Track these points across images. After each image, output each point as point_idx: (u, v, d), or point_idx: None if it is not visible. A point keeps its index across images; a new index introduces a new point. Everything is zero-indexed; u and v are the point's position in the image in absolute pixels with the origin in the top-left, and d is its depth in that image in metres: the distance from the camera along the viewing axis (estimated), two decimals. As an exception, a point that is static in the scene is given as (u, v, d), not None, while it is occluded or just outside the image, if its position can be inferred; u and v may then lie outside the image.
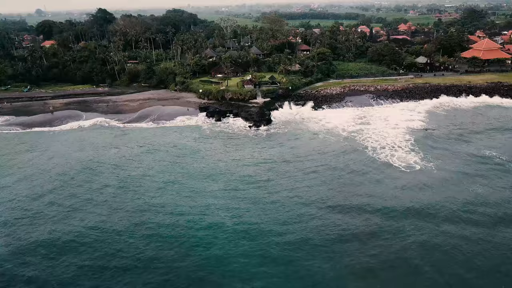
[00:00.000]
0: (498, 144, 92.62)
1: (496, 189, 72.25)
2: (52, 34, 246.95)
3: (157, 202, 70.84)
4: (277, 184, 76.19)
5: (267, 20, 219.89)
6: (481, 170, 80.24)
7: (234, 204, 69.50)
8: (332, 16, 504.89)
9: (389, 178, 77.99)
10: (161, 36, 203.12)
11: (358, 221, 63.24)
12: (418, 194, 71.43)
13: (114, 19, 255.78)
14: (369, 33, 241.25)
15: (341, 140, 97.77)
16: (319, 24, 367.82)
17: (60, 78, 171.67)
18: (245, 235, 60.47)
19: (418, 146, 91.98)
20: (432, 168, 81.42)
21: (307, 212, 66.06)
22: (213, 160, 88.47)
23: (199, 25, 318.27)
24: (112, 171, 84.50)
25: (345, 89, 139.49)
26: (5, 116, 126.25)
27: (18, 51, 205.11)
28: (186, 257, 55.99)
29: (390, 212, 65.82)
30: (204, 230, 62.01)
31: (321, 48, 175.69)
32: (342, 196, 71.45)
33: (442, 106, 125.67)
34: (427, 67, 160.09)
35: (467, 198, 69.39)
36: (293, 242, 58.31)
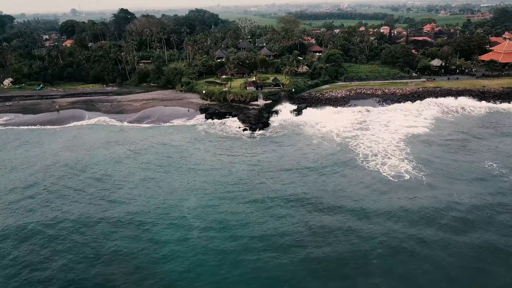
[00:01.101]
0: (502, 156, 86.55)
1: (481, 205, 67.64)
2: (74, 34, 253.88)
3: (126, 204, 70.74)
4: (255, 190, 74.45)
5: (282, 20, 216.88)
6: (475, 183, 75.29)
7: (206, 210, 68.43)
8: (359, 16, 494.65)
9: (373, 187, 74.74)
10: (175, 36, 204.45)
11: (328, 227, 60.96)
12: (397, 202, 69.15)
13: (135, 19, 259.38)
14: (388, 34, 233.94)
15: (333, 146, 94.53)
16: (343, 24, 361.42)
17: (74, 77, 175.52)
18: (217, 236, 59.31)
19: (413, 155, 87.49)
20: (422, 179, 77.22)
21: (278, 213, 64.32)
22: (197, 164, 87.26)
23: (220, 25, 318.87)
24: (93, 171, 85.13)
25: (351, 92, 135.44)
26: (10, 114, 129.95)
27: (40, 50, 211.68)
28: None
29: (360, 215, 65.02)
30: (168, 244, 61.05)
31: (332, 50, 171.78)
32: (319, 200, 70.16)
33: (450, 111, 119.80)
34: (442, 70, 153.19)
35: (446, 211, 66.04)
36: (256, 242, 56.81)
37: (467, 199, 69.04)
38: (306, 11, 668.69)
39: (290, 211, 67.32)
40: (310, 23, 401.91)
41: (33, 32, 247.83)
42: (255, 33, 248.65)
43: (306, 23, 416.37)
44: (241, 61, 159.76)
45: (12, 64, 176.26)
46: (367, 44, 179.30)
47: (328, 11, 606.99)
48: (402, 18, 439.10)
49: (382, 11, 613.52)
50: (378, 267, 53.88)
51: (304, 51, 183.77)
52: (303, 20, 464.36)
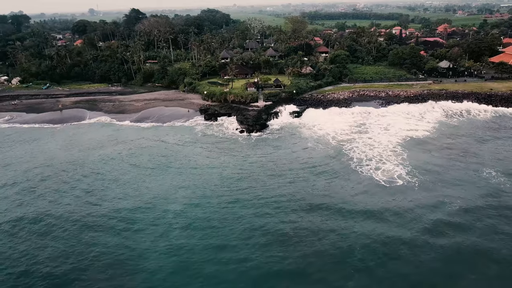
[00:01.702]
0: (502, 163, 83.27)
1: (470, 211, 65.92)
2: (86, 33, 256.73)
3: (109, 203, 70.72)
4: (242, 192, 73.60)
5: (290, 20, 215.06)
6: (469, 190, 72.84)
7: (189, 209, 68.01)
8: (374, 16, 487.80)
9: (362, 190, 73.39)
10: (182, 36, 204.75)
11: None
12: (384, 205, 68.27)
13: (144, 19, 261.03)
14: (399, 34, 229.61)
15: (328, 150, 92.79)
16: (356, 24, 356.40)
17: (81, 76, 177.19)
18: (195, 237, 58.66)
19: (409, 160, 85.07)
20: (415, 184, 75.14)
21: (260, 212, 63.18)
22: (187, 166, 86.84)
23: (231, 25, 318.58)
24: (84, 170, 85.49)
25: (354, 94, 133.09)
26: (14, 113, 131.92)
27: (51, 50, 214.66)
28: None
29: (347, 217, 64.40)
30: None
31: (338, 51, 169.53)
32: (305, 202, 70.08)
33: (454, 115, 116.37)
34: (450, 72, 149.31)
35: (432, 216, 65.02)
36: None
37: (457, 206, 67.53)
38: (321, 11, 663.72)
39: (274, 211, 67.38)
40: (323, 23, 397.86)
41: (45, 32, 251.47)
42: (264, 33, 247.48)
43: (319, 23, 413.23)
44: (244, 62, 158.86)
45: (21, 64, 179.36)
46: (374, 45, 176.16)
47: (343, 11, 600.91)
48: (417, 18, 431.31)
49: (398, 11, 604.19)
50: (357, 268, 53.73)
51: (311, 52, 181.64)
52: (317, 20, 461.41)
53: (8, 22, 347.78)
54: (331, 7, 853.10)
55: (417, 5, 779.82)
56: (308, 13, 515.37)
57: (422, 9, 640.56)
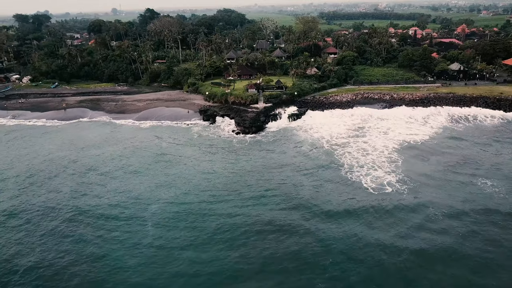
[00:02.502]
0: (500, 173, 78.97)
1: (455, 219, 63.61)
2: (101, 33, 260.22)
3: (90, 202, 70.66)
4: (224, 196, 72.55)
5: (300, 21, 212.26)
6: (459, 199, 69.57)
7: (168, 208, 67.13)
8: (395, 16, 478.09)
9: (348, 196, 71.39)
10: (192, 36, 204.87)
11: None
12: (367, 210, 66.94)
13: (155, 19, 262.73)
14: (413, 35, 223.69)
15: (319, 154, 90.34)
16: (373, 25, 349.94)
17: (90, 75, 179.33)
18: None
19: (403, 168, 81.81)
20: (404, 192, 72.19)
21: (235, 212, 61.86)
22: (175, 168, 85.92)
23: (245, 25, 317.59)
24: (73, 169, 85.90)
25: (357, 97, 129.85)
26: (19, 111, 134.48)
27: (64, 49, 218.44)
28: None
29: (326, 220, 60.71)
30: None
31: (347, 52, 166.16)
32: (288, 205, 69.60)
33: (460, 120, 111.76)
34: (460, 74, 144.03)
35: (414, 222, 63.49)
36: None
37: (439, 214, 65.08)
38: (341, 11, 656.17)
39: (252, 212, 67.03)
40: (340, 24, 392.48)
41: (60, 31, 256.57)
42: (277, 33, 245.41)
43: (337, 23, 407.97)
44: (249, 63, 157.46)
45: (34, 63, 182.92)
46: (384, 46, 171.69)
47: (363, 11, 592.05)
48: (439, 18, 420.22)
49: (421, 11, 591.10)
50: (329, 270, 53.68)
51: (319, 53, 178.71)
52: (335, 20, 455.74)
53: (30, 22, 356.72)
54: (353, 7, 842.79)
55: (441, 5, 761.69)
56: (326, 13, 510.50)
57: (446, 9, 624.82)
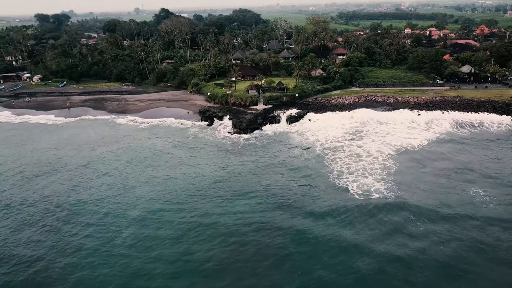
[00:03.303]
0: (496, 183, 74.69)
1: (432, 228, 61.08)
2: (115, 32, 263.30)
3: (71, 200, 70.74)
4: (204, 198, 71.35)
5: (310, 21, 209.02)
6: (444, 209, 66.40)
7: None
8: (416, 17, 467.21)
9: (331, 201, 69.74)
10: (201, 36, 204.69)
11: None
12: (346, 213, 65.89)
13: (166, 19, 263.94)
14: (428, 36, 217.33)
15: (310, 158, 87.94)
16: (391, 25, 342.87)
17: (100, 75, 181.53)
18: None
19: (395, 175, 78.57)
20: (390, 200, 69.38)
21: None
22: (162, 170, 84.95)
23: (260, 25, 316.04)
24: (61, 167, 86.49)
25: (360, 99, 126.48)
26: (25, 110, 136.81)
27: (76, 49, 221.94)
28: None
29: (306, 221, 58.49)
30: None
31: (355, 53, 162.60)
32: (265, 205, 68.60)
33: (465, 125, 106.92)
34: (471, 77, 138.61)
35: (387, 228, 61.97)
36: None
37: (423, 222, 62.80)
38: (363, 10, 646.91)
39: (228, 215, 66.53)
40: (358, 24, 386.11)
41: (75, 31, 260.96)
42: (290, 34, 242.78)
43: (354, 24, 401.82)
44: (254, 63, 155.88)
45: (46, 62, 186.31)
46: (394, 47, 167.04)
47: (384, 11, 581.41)
48: (461, 18, 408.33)
49: (445, 11, 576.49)
50: (296, 266, 53.98)
51: (327, 54, 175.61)
52: (353, 20, 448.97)
53: (50, 21, 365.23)
54: (375, 7, 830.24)
55: (467, 5, 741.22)
56: (346, 13, 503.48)
57: (471, 9, 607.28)
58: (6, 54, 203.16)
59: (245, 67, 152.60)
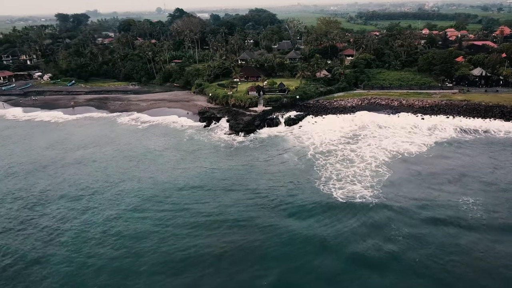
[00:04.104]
0: (488, 193, 70.41)
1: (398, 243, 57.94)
2: (130, 32, 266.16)
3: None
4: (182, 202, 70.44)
5: (321, 21, 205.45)
6: (424, 217, 63.74)
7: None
8: (438, 17, 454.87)
9: (310, 205, 68.26)
10: (211, 36, 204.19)
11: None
12: (319, 216, 65.13)
13: (178, 19, 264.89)
14: (443, 37, 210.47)
15: (300, 163, 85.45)
16: (410, 25, 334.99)
17: (109, 74, 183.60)
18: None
19: (385, 183, 75.13)
20: (372, 206, 67.04)
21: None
22: (147, 173, 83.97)
23: (275, 25, 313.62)
24: (48, 166, 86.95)
25: (363, 102, 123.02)
26: (31, 108, 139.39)
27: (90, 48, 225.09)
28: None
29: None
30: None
31: (363, 54, 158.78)
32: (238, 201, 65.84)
33: (470, 132, 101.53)
34: (481, 80, 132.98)
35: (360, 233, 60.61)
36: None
37: (399, 229, 60.49)
38: (385, 10, 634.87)
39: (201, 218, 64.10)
40: (376, 24, 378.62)
41: (88, 30, 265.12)
42: (302, 34, 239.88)
43: (373, 24, 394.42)
44: (259, 64, 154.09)
45: (58, 61, 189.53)
46: (405, 48, 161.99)
47: (405, 11, 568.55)
48: (485, 19, 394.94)
49: (470, 11, 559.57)
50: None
51: (335, 55, 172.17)
52: (372, 20, 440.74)
53: (70, 21, 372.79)
54: (398, 6, 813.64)
55: (494, 4, 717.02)
56: (365, 13, 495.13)
57: (497, 9, 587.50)
58: (21, 53, 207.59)
59: (249, 67, 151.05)
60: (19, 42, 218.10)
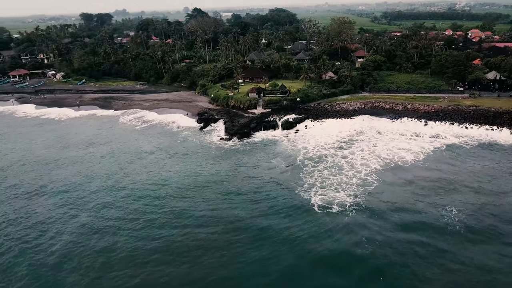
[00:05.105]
0: (477, 204, 66.29)
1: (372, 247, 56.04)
2: (148, 31, 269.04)
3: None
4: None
5: (335, 21, 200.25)
6: (402, 226, 61.25)
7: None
8: (468, 17, 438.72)
9: (285, 212, 66.39)
10: (223, 37, 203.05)
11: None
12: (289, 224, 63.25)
13: (193, 19, 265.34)
14: (463, 38, 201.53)
15: (287, 169, 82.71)
16: (435, 26, 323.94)
17: (120, 73, 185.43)
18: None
19: (370, 192, 71.63)
20: (347, 214, 64.51)
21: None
22: (131, 176, 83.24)
23: (294, 25, 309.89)
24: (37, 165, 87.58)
25: (366, 105, 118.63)
26: (34, 105, 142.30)
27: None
28: None
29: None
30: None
31: (373, 56, 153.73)
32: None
33: (474, 141, 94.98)
34: (496, 84, 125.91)
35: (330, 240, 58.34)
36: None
37: (369, 240, 57.98)
38: (413, 10, 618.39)
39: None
40: (400, 24, 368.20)
41: (104, 30, 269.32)
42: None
43: (397, 24, 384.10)
44: (264, 65, 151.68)
45: (73, 60, 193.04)
46: (419, 50, 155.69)
47: (436, 11, 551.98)
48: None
49: (503, 11, 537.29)
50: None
51: (346, 56, 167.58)
52: (398, 20, 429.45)
53: (93, 20, 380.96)
54: (428, 6, 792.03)
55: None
56: (391, 13, 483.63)
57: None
58: (39, 52, 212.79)
59: (253, 68, 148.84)
60: (38, 41, 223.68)
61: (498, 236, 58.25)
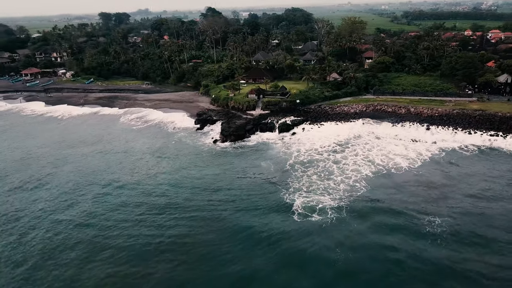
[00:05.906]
0: (467, 218, 62.28)
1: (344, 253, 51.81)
2: (161, 31, 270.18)
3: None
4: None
5: (346, 21, 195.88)
6: (381, 235, 58.94)
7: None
8: (492, 16, 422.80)
9: (266, 219, 64.37)
10: (232, 36, 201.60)
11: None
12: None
13: (203, 18, 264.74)
14: (480, 39, 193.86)
15: (275, 174, 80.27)
16: (455, 26, 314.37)
17: (129, 73, 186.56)
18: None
19: (356, 197, 69.13)
20: (326, 223, 62.07)
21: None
22: (118, 177, 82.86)
23: (309, 25, 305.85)
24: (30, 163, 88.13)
25: (368, 108, 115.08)
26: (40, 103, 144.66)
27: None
28: None
29: None
30: None
31: (382, 57, 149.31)
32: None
33: (476, 147, 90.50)
34: (507, 88, 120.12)
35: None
36: None
37: (342, 250, 55.98)
38: (437, 10, 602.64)
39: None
40: (419, 24, 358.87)
41: (116, 30, 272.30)
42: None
43: (417, 23, 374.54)
44: (268, 66, 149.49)
45: (84, 59, 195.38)
46: (430, 51, 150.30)
47: (460, 10, 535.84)
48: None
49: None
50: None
51: (354, 57, 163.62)
52: (418, 20, 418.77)
53: (112, 20, 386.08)
54: (453, 5, 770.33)
55: None
56: (411, 12, 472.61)
57: None
58: (52, 51, 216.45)
59: (256, 69, 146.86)
60: (52, 40, 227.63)
61: (481, 244, 56.05)
